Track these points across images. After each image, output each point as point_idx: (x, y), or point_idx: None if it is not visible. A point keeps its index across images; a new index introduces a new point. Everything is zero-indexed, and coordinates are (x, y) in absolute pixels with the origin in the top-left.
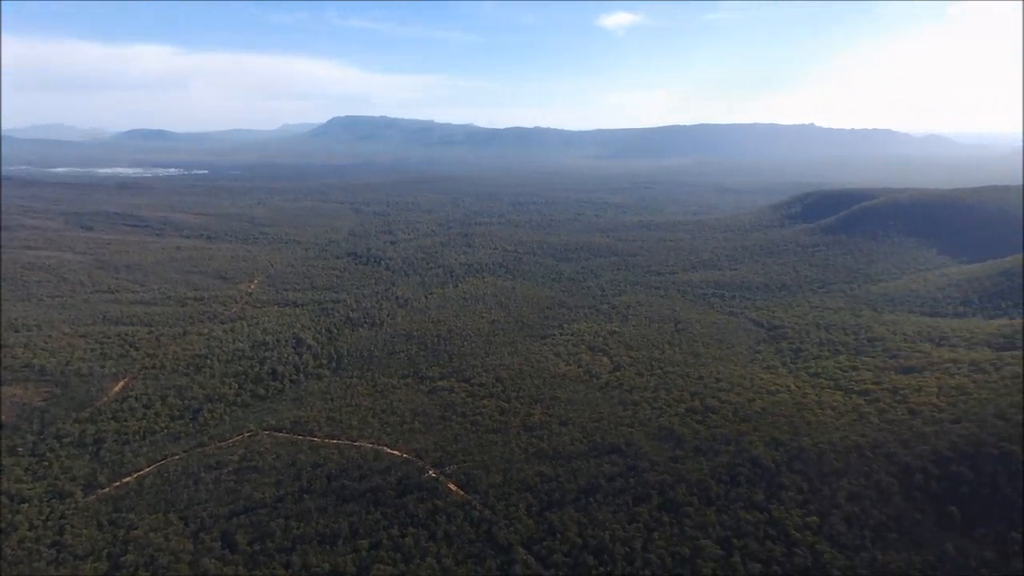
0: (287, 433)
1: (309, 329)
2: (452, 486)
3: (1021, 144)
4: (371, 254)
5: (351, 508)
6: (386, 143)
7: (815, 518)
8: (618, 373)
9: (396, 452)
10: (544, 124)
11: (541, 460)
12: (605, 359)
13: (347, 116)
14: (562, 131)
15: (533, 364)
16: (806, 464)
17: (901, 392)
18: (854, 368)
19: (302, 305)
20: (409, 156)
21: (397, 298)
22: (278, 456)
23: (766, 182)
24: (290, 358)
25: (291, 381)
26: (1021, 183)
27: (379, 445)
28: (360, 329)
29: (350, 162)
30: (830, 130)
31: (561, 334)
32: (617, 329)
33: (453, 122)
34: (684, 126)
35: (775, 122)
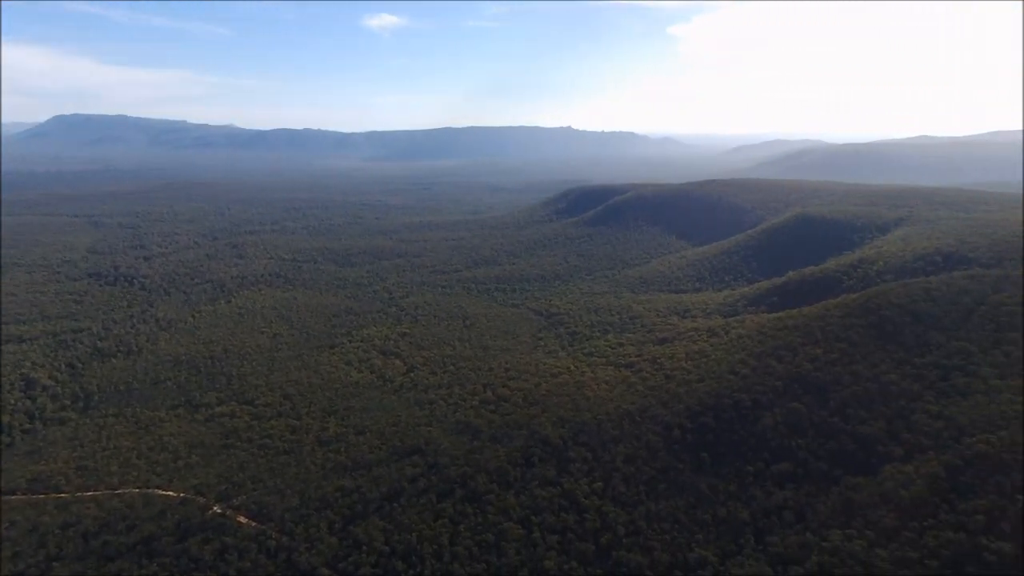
0: (23, 494)
1: (43, 367)
2: (242, 519)
3: (725, 145)
4: (120, 273)
5: (119, 566)
6: (128, 146)
7: (599, 483)
8: (412, 374)
9: (171, 493)
10: (315, 125)
11: (340, 474)
12: (398, 362)
13: (75, 115)
14: (335, 132)
15: (323, 376)
16: (589, 436)
17: (659, 361)
18: (620, 344)
19: (31, 339)
20: (159, 160)
21: (158, 320)
22: (12, 524)
23: (533, 181)
24: (19, 404)
25: (23, 432)
26: (759, 177)
27: (149, 488)
28: (113, 359)
29: (83, 168)
30: (585, 132)
31: (351, 341)
32: (408, 331)
33: (210, 122)
34: (456, 128)
35: (538, 125)
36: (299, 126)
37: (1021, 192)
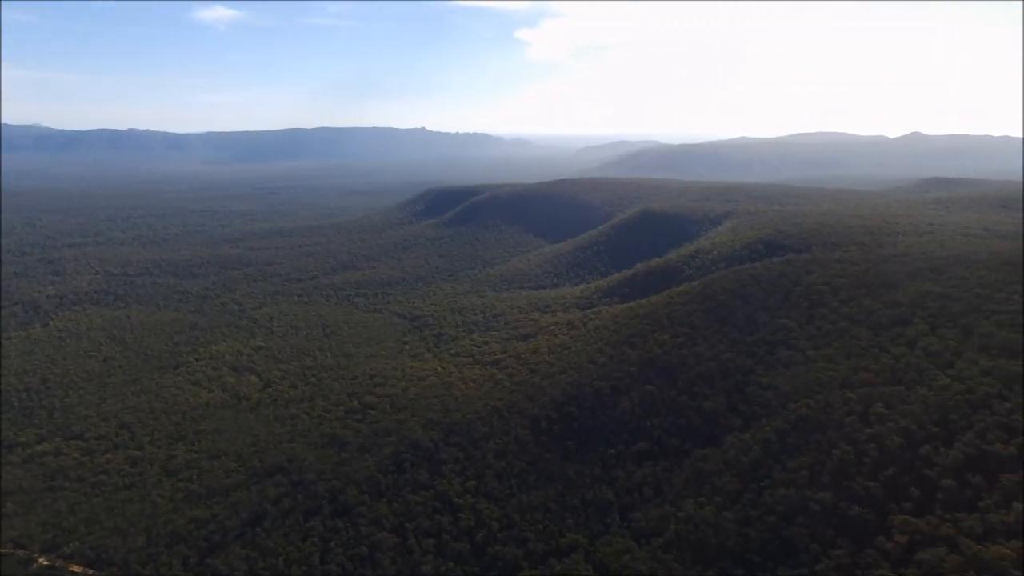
0: None
1: None
2: (76, 568)
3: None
4: None
5: None
6: None
7: (472, 482)
8: (270, 389)
9: None
10: (142, 125)
11: (193, 503)
12: (253, 378)
13: None
14: (166, 133)
15: (167, 400)
16: (460, 436)
17: (523, 356)
18: (486, 343)
19: None
20: None
21: None
22: None
23: (389, 183)
24: None
25: None
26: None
27: None
28: None
29: None
30: (439, 133)
31: (198, 360)
32: (263, 344)
33: (11, 122)
34: (306, 129)
35: (392, 126)
36: (123, 126)
37: (834, 187)
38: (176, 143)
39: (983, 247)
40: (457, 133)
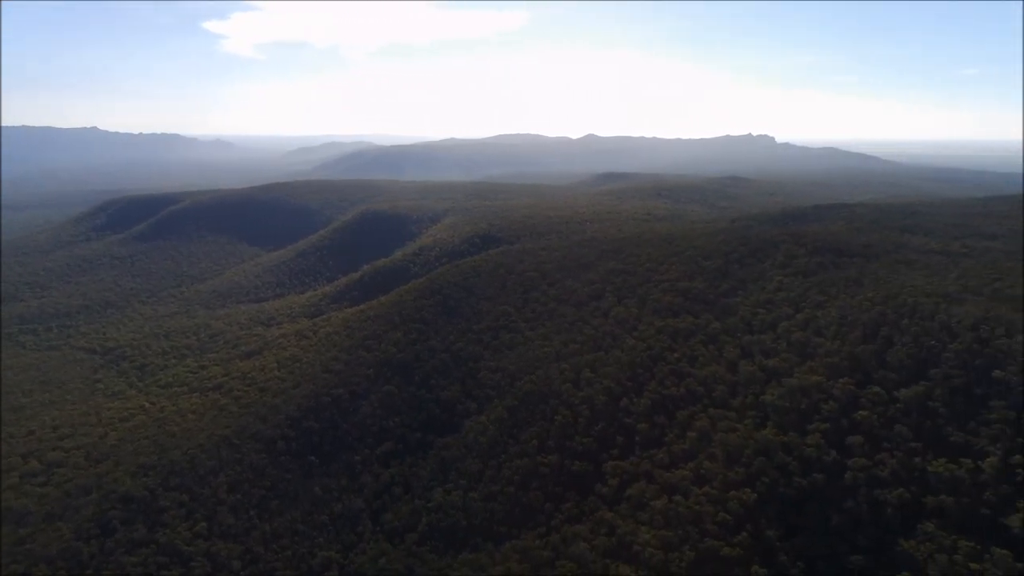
0: None
1: None
2: None
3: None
4: None
5: None
6: None
7: (203, 523)
8: None
9: None
10: None
11: None
12: None
13: None
14: None
15: None
16: (182, 476)
17: (249, 376)
18: (203, 367)
19: None
20: None
21: None
22: None
23: (55, 193)
24: None
25: None
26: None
27: None
28: None
29: None
30: (116, 134)
31: None
32: None
33: None
34: None
35: (51, 125)
36: None
37: (532, 183)
38: None
39: (647, 228)
40: (141, 134)
